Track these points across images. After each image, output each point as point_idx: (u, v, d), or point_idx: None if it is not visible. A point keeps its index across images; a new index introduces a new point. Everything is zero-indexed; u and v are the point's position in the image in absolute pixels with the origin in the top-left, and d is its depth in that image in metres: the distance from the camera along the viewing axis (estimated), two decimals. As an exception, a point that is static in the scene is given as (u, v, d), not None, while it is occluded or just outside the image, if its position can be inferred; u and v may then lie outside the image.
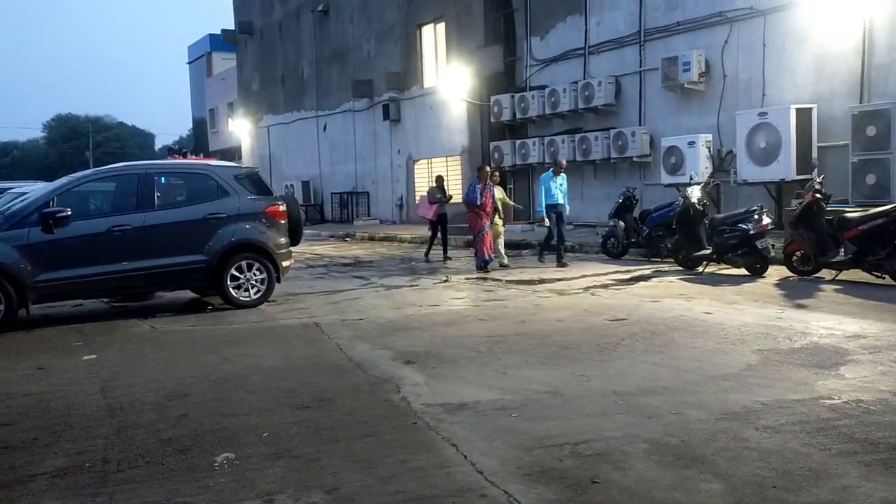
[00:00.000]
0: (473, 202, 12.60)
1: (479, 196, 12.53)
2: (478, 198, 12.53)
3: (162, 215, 9.33)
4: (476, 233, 12.59)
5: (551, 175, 12.94)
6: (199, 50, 53.13)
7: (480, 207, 12.52)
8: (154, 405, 5.37)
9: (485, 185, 12.65)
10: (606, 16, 17.58)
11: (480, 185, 12.60)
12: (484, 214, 12.53)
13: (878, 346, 6.18)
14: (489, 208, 12.61)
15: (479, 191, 12.56)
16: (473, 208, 12.60)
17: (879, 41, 12.51)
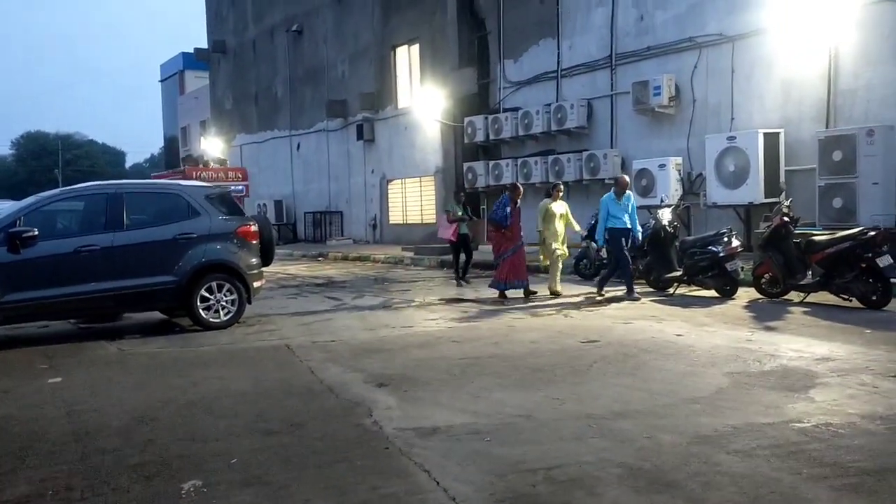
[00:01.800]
0: (501, 222, 11.56)
1: (509, 216, 11.52)
2: (507, 218, 11.51)
3: (131, 235, 9.20)
4: (499, 255, 11.61)
5: (613, 196, 11.34)
6: (171, 68, 52.93)
7: (508, 229, 11.54)
8: (120, 430, 5.26)
9: (515, 205, 11.61)
10: (578, 40, 17.78)
11: (511, 205, 11.55)
12: (510, 235, 11.55)
13: (847, 369, 6.25)
14: (517, 229, 11.62)
15: (509, 211, 11.52)
16: (501, 229, 11.62)
17: (845, 68, 12.78)
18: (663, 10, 15.78)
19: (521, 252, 11.54)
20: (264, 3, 32.29)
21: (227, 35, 35.69)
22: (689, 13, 15.23)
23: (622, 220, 11.18)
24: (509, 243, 11.49)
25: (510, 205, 11.53)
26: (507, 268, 11.45)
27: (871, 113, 12.36)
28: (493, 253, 11.86)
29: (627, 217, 11.26)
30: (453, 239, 13.81)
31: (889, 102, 12.15)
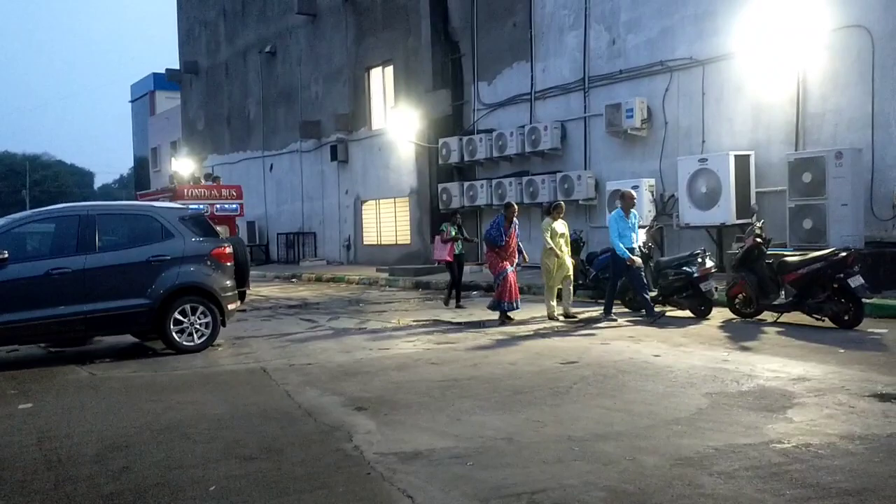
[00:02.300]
0: (495, 241, 11.36)
1: (504, 235, 11.34)
2: (501, 237, 11.33)
3: (103, 258, 9.06)
4: (497, 275, 11.36)
5: (621, 213, 10.93)
6: (142, 88, 52.54)
7: (503, 248, 11.36)
8: (94, 457, 5.14)
9: (510, 224, 11.43)
10: (552, 63, 17.97)
11: (506, 224, 11.38)
12: (505, 255, 11.36)
13: (823, 389, 6.30)
14: (513, 249, 11.46)
15: (503, 230, 11.35)
16: (495, 248, 11.41)
17: (813, 92, 13.04)
18: (635, 35, 16.01)
19: (513, 273, 11.41)
20: (237, 24, 32.24)
21: (200, 56, 35.54)
22: (660, 37, 15.46)
23: (629, 239, 10.79)
24: (505, 262, 11.32)
25: (504, 224, 11.36)
26: (507, 287, 11.20)
27: (839, 136, 12.60)
28: (492, 273, 11.64)
29: (636, 236, 10.97)
30: (448, 258, 13.54)
31: (856, 125, 12.40)
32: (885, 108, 12.10)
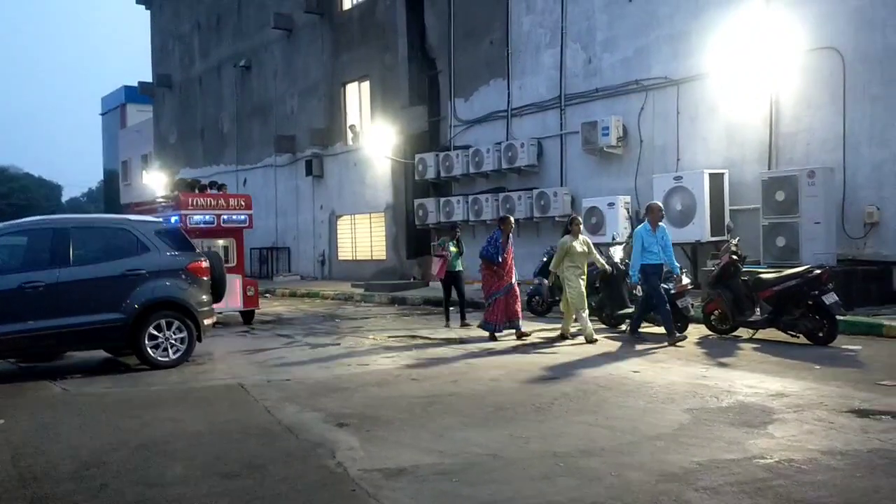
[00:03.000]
0: (492, 258, 10.87)
1: (501, 251, 10.86)
2: (498, 253, 10.83)
3: (77, 271, 8.92)
4: (490, 294, 10.94)
5: (647, 227, 10.27)
6: (113, 101, 52.07)
7: (500, 266, 10.88)
8: (71, 474, 5.03)
9: (507, 240, 10.97)
10: (528, 80, 18.10)
11: (503, 240, 10.91)
12: (502, 273, 10.90)
13: (801, 405, 6.36)
14: (510, 266, 11.02)
15: (500, 245, 10.86)
16: (491, 266, 10.93)
17: (786, 112, 13.26)
18: (610, 54, 16.19)
19: (513, 291, 10.96)
20: (212, 38, 32.13)
21: (173, 69, 35.35)
22: (635, 57, 15.65)
23: (657, 255, 10.15)
24: (501, 282, 10.90)
25: (502, 239, 10.90)
26: (500, 308, 10.84)
27: (811, 155, 12.82)
28: (484, 292, 11.19)
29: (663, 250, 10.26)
30: (440, 276, 12.93)
31: (829, 145, 12.62)
32: (855, 129, 12.34)
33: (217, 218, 14.38)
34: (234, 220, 14.68)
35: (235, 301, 14.00)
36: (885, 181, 12.09)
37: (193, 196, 14.63)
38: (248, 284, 14.49)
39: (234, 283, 13.69)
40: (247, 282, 14.54)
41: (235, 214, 14.73)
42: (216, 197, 14.84)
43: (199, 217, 14.26)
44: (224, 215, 14.50)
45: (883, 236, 12.09)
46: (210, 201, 14.54)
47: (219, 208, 14.50)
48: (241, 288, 14.11)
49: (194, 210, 14.23)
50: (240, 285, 14.11)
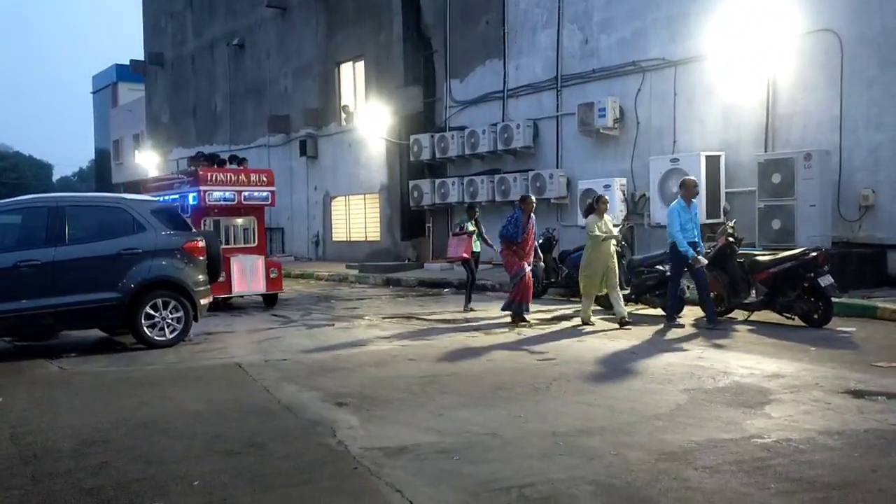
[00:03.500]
0: (513, 238, 10.62)
1: (521, 231, 10.65)
2: (518, 233, 10.61)
3: (73, 250, 8.89)
4: (514, 275, 10.66)
5: (682, 204, 9.85)
6: (104, 80, 51.65)
7: (520, 245, 10.67)
8: (71, 452, 5.03)
9: (528, 219, 10.73)
10: (524, 61, 18.02)
11: (523, 219, 10.69)
12: (522, 253, 10.67)
13: (797, 386, 6.41)
14: (530, 246, 10.84)
15: (520, 224, 10.65)
16: (511, 245, 10.68)
17: (783, 93, 13.25)
18: (608, 35, 16.12)
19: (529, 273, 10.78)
20: (205, 16, 31.83)
21: (165, 47, 35.04)
22: (632, 38, 15.59)
23: (690, 234, 9.70)
24: (522, 261, 10.65)
25: (522, 218, 10.67)
26: (522, 288, 10.59)
27: (807, 137, 12.82)
28: (508, 273, 10.89)
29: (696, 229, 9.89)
30: (465, 256, 12.30)
31: (825, 127, 12.63)
32: (852, 112, 12.34)
33: (238, 195, 13.50)
34: (256, 196, 13.78)
35: (258, 284, 13.43)
36: (880, 164, 12.11)
37: (213, 171, 13.67)
38: (272, 266, 13.78)
39: (257, 265, 13.37)
40: (270, 263, 13.87)
41: (257, 191, 13.79)
42: (237, 172, 13.81)
43: (218, 193, 13.40)
44: (245, 192, 13.59)
45: (878, 219, 12.13)
46: (230, 176, 13.58)
47: (240, 184, 13.56)
48: (263, 270, 13.49)
49: (214, 186, 13.33)
50: (262, 267, 13.51)
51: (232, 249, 13.54)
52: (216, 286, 11.77)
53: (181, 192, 13.67)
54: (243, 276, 13.16)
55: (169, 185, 14.63)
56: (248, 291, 13.36)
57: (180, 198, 13.60)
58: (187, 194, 13.44)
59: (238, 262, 13.19)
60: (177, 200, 13.50)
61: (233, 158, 15.17)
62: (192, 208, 13.25)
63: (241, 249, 13.74)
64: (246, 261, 13.28)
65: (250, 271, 13.22)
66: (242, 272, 13.15)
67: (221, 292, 12.58)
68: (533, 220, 10.83)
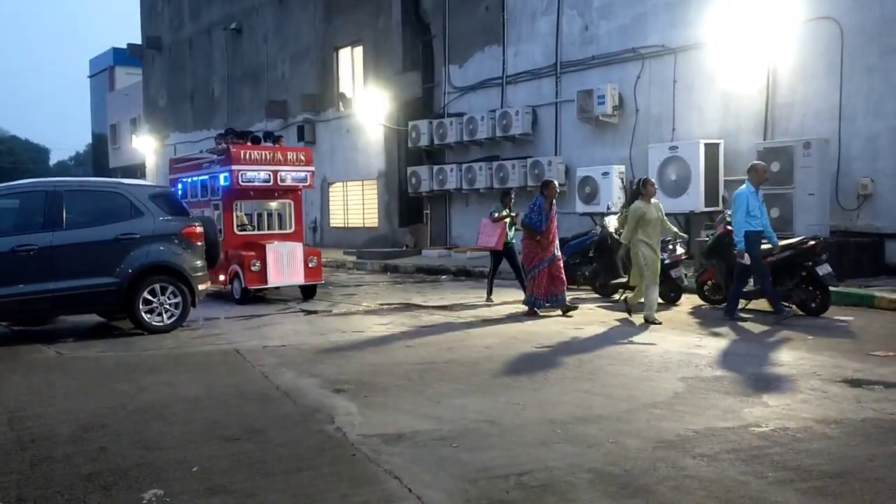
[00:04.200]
0: (537, 227, 9.97)
1: (544, 220, 10.04)
2: (543, 221, 9.99)
3: (70, 235, 8.87)
4: (533, 266, 10.06)
5: (751, 189, 9.26)
6: (101, 64, 51.37)
7: (543, 235, 10.06)
8: (69, 437, 5.04)
9: (551, 206, 10.15)
10: (524, 47, 17.94)
11: (546, 206, 10.10)
12: (546, 243, 10.08)
13: (795, 375, 6.42)
14: (553, 235, 10.20)
15: (544, 212, 10.04)
16: (535, 235, 10.03)
17: (782, 82, 13.22)
18: (607, 21, 16.05)
19: (557, 262, 10.16)
20: (202, 0, 31.63)
21: (163, 31, 34.86)
22: (632, 24, 15.53)
23: (760, 221, 9.12)
24: (544, 252, 10.05)
25: (545, 206, 10.06)
26: (543, 281, 10.00)
27: (807, 126, 12.80)
28: (525, 264, 10.28)
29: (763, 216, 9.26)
30: (498, 248, 11.34)
31: (824, 116, 12.60)
32: (851, 100, 12.32)
33: (273, 175, 12.34)
34: (293, 177, 12.56)
35: (296, 274, 12.12)
36: (879, 153, 12.10)
37: (246, 148, 12.43)
38: (310, 254, 12.42)
39: (295, 253, 12.15)
40: (308, 251, 12.52)
41: (294, 171, 12.56)
42: (272, 150, 12.59)
43: (252, 174, 12.27)
44: (282, 172, 12.37)
45: (876, 208, 12.13)
46: (266, 155, 12.38)
47: (275, 163, 12.34)
48: (301, 258, 12.17)
49: (248, 165, 12.15)
50: (300, 255, 12.19)
51: (267, 236, 12.80)
52: (250, 278, 11.66)
53: (211, 171, 12.80)
54: (280, 266, 11.93)
55: (198, 164, 13.69)
56: (286, 282, 12.15)
57: (210, 178, 12.91)
58: (218, 174, 12.49)
59: (274, 250, 11.97)
60: (207, 182, 13.01)
61: (268, 136, 13.79)
62: (224, 190, 12.41)
63: (277, 236, 12.79)
64: (282, 249, 12.07)
65: (287, 260, 12.03)
66: (279, 261, 11.95)
67: (256, 283, 11.81)
68: (555, 208, 10.30)
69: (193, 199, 13.41)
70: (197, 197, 13.42)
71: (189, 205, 12.79)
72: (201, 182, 13.31)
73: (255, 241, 12.49)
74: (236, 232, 12.62)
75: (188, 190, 13.79)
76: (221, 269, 11.99)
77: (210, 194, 13.01)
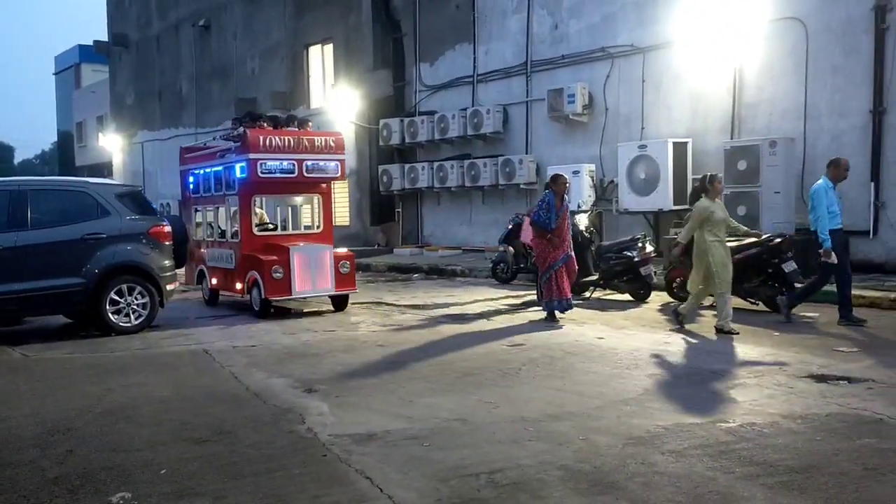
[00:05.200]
0: (545, 225, 9.30)
1: (554, 217, 9.39)
2: (552, 219, 9.31)
3: (35, 235, 8.75)
4: (548, 267, 9.36)
5: (830, 184, 8.71)
6: (67, 61, 50.59)
7: (553, 233, 9.40)
8: (35, 441, 4.96)
9: (561, 202, 9.46)
10: (494, 46, 17.97)
11: (556, 202, 9.45)
12: (557, 241, 9.38)
13: (762, 370, 6.51)
14: (564, 233, 9.48)
15: (553, 208, 9.36)
16: (545, 234, 9.38)
17: (749, 82, 13.38)
18: (577, 20, 16.13)
19: (572, 262, 9.56)
20: (170, -4, 31.27)
21: (130, 28, 34.37)
22: (602, 23, 15.62)
23: (840, 218, 8.64)
24: (557, 252, 9.37)
25: (555, 202, 9.37)
26: (562, 283, 9.38)
27: (773, 125, 12.97)
28: (539, 266, 9.65)
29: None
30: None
31: (790, 115, 12.78)
32: (816, 100, 12.50)
33: (298, 165, 10.62)
34: (322, 167, 10.84)
35: (325, 281, 10.37)
36: (843, 151, 12.18)
37: (266, 133, 10.58)
38: (342, 259, 10.60)
39: (323, 258, 10.39)
40: (339, 256, 10.65)
41: (323, 160, 10.82)
42: (297, 135, 10.73)
43: (274, 163, 10.52)
44: (308, 161, 10.66)
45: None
46: (289, 141, 10.53)
47: (301, 151, 10.60)
48: (331, 263, 10.42)
49: (268, 153, 10.42)
50: (329, 260, 10.42)
51: (290, 237, 11.11)
52: (272, 287, 9.97)
53: (226, 162, 11.06)
54: (306, 273, 10.18)
55: (212, 154, 11.90)
56: (313, 292, 10.42)
57: (225, 170, 11.13)
58: (233, 165, 10.74)
59: (300, 254, 10.22)
60: (221, 174, 11.27)
61: (291, 119, 11.54)
62: (240, 183, 10.63)
63: (303, 236, 11.14)
64: (310, 252, 10.35)
65: (315, 266, 10.27)
66: (305, 267, 10.18)
67: (278, 293, 10.13)
68: (567, 203, 9.55)
69: (206, 194, 11.86)
70: (210, 192, 11.71)
71: (202, 201, 12.03)
72: (214, 174, 11.49)
73: (277, 243, 10.78)
74: (255, 232, 10.89)
75: (200, 184, 12.09)
76: (238, 277, 10.70)
77: (224, 188, 11.18)
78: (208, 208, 12.05)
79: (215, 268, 11.62)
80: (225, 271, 11.31)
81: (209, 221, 12.13)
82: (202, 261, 12.02)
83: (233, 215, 11.10)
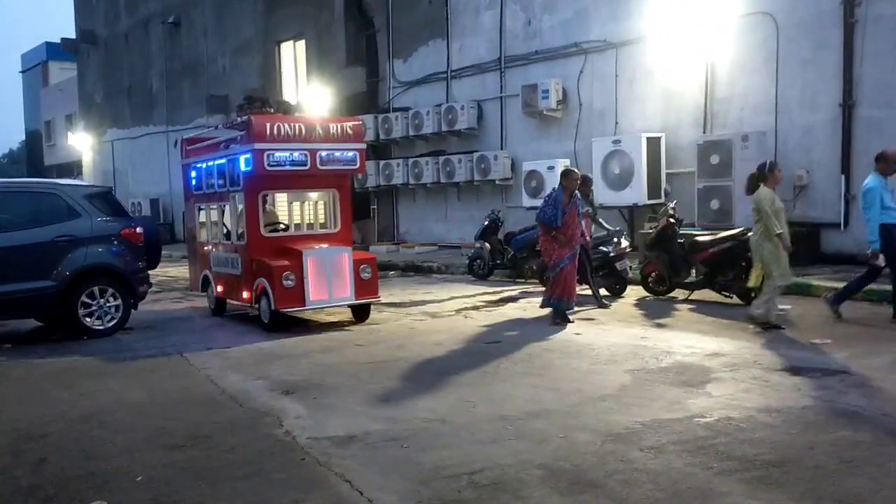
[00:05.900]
0: (550, 222, 9.01)
1: (560, 213, 9.06)
2: (558, 216, 9.01)
3: (4, 238, 8.64)
4: (555, 264, 9.07)
5: (881, 178, 8.25)
6: (33, 58, 49.76)
7: (560, 230, 9.05)
8: (8, 448, 4.88)
9: (570, 198, 9.11)
10: (468, 41, 17.94)
11: (564, 198, 9.10)
12: (564, 239, 9.04)
13: (737, 364, 6.57)
14: (573, 230, 9.14)
15: (559, 205, 9.07)
16: (550, 231, 9.08)
17: (721, 77, 13.48)
18: (550, 16, 16.14)
19: (576, 262, 9.29)
20: (139, -8, 30.88)
21: (98, 25, 33.90)
22: (575, 19, 15.64)
23: (893, 214, 8.12)
24: (564, 249, 9.02)
25: (563, 198, 9.05)
26: (569, 281, 9.09)
27: (745, 119, 13.08)
28: (547, 263, 9.37)
29: None
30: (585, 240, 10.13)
31: (761, 109, 12.89)
32: (786, 94, 12.62)
33: (311, 156, 9.38)
34: (338, 158, 9.64)
35: (343, 289, 9.19)
36: (814, 145, 12.43)
37: (273, 119, 9.36)
38: (363, 262, 9.43)
39: (341, 262, 9.21)
40: (359, 259, 9.49)
41: (339, 150, 9.62)
42: (310, 122, 9.57)
43: (283, 154, 9.24)
44: (322, 151, 9.47)
45: (811, 199, 12.46)
46: (300, 129, 9.31)
47: (314, 140, 9.40)
48: (350, 267, 9.24)
49: (276, 142, 9.18)
50: (348, 264, 9.24)
51: (303, 238, 9.85)
52: (282, 296, 8.88)
53: (230, 153, 9.83)
54: (321, 279, 9.04)
55: (215, 145, 10.62)
56: (330, 301, 9.23)
57: (228, 162, 9.91)
58: (237, 156, 9.50)
59: (314, 258, 9.05)
60: (224, 167, 10.04)
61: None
62: (245, 177, 9.38)
63: (318, 237, 9.94)
64: (325, 256, 9.18)
65: (332, 271, 9.09)
66: (320, 273, 9.04)
67: (290, 304, 9.00)
68: (577, 200, 9.19)
69: (209, 190, 10.63)
70: (213, 188, 10.47)
71: (205, 198, 10.84)
72: (217, 168, 10.26)
73: (288, 245, 9.49)
74: (263, 233, 9.62)
75: (203, 179, 10.88)
76: (245, 284, 9.62)
77: (228, 183, 9.95)
78: (212, 206, 10.71)
79: (220, 273, 10.43)
80: (231, 277, 10.10)
81: (213, 221, 10.82)
82: (207, 265, 10.85)
83: (239, 214, 9.77)
